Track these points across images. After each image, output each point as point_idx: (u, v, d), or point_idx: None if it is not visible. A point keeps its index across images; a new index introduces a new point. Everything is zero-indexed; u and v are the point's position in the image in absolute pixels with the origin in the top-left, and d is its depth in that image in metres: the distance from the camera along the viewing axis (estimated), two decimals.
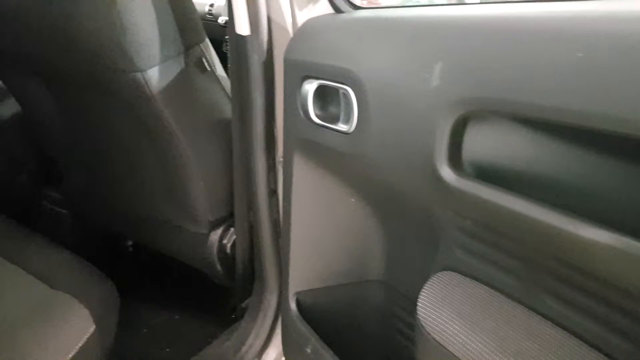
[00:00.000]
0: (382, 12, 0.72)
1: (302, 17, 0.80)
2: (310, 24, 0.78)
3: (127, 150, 1.12)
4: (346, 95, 0.68)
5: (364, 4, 0.80)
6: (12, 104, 1.36)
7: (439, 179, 0.56)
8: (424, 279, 0.66)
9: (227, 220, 1.17)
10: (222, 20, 1.86)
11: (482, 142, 0.55)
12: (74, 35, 0.87)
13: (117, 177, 1.23)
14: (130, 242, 1.60)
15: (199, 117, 1.01)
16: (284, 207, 0.94)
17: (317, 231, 0.91)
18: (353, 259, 0.90)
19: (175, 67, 0.92)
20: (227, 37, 1.89)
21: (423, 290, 0.61)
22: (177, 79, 0.93)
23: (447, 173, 0.55)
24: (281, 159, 0.96)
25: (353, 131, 0.68)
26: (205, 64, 0.99)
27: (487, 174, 0.55)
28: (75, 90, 1.07)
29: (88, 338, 0.89)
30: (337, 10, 0.77)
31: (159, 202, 1.18)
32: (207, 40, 1.01)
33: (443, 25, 0.58)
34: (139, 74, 0.87)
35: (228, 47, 0.99)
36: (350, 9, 0.76)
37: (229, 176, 1.09)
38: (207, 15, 1.93)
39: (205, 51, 0.99)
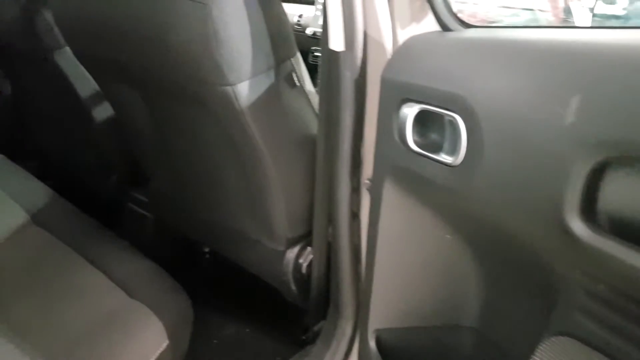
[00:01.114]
0: (499, 33, 0.64)
1: (404, 34, 0.74)
2: (412, 42, 0.72)
3: (211, 161, 1.12)
4: (453, 124, 0.61)
5: (472, 21, 0.73)
6: (107, 108, 1.41)
7: (567, 232, 0.47)
8: (528, 336, 0.57)
9: (304, 238, 1.13)
10: (310, 31, 1.84)
11: (624, 193, 0.46)
12: (167, 46, 0.87)
13: (200, 185, 1.23)
14: (207, 250, 1.60)
15: (284, 134, 0.98)
16: (368, 234, 0.88)
17: (405, 265, 0.84)
18: (442, 300, 0.82)
19: (266, 82, 0.89)
20: (313, 48, 1.90)
21: (535, 356, 0.53)
22: (266, 94, 0.90)
23: (578, 226, 0.47)
24: (366, 181, 0.91)
25: (459, 164, 0.61)
26: (295, 79, 0.95)
27: (628, 232, 0.46)
28: (166, 99, 1.08)
29: (161, 353, 0.88)
30: (445, 27, 0.71)
31: (238, 214, 1.16)
32: (299, 54, 0.97)
33: (583, 52, 0.49)
34: (229, 88, 0.85)
35: (318, 62, 0.95)
36: (460, 27, 0.69)
37: (310, 194, 1.05)
38: (295, 26, 1.92)
39: (296, 66, 0.95)
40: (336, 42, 0.81)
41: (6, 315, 0.93)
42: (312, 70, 1.81)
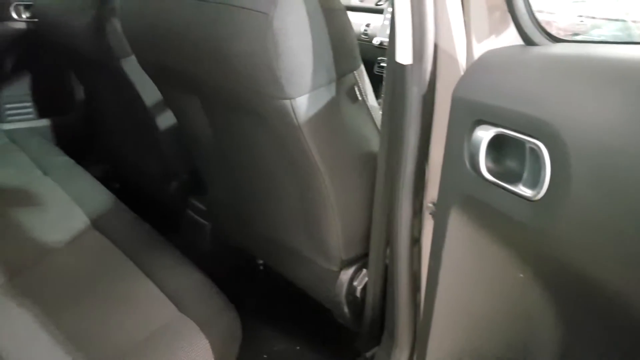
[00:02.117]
0: (595, 49, 0.56)
1: (480, 48, 0.67)
2: (490, 57, 0.65)
3: (268, 174, 1.09)
4: (535, 152, 0.53)
5: (561, 34, 0.64)
6: (170, 116, 1.42)
7: None
8: None
9: (360, 260, 1.08)
10: (376, 41, 1.78)
11: None
12: (227, 57, 0.84)
13: (255, 197, 1.21)
14: (261, 262, 1.58)
15: (343, 150, 0.93)
16: (430, 263, 0.81)
17: (469, 300, 0.76)
18: (509, 343, 0.74)
19: (326, 96, 0.84)
20: (379, 58, 1.84)
21: None
22: (326, 109, 0.85)
23: None
24: (430, 205, 0.84)
25: (541, 199, 0.53)
26: (357, 93, 0.90)
27: None
28: (224, 109, 1.06)
29: None
30: (528, 41, 0.63)
31: (292, 230, 1.12)
32: (362, 67, 0.92)
33: None
34: (287, 102, 0.81)
35: (384, 74, 0.89)
36: (547, 41, 0.61)
37: (368, 215, 0.99)
38: (362, 36, 1.87)
39: (358, 79, 0.90)
40: (403, 54, 0.75)
41: (61, 321, 0.94)
42: (378, 81, 1.75)
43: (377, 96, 1.76)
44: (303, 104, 0.82)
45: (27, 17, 1.84)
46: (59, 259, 1.11)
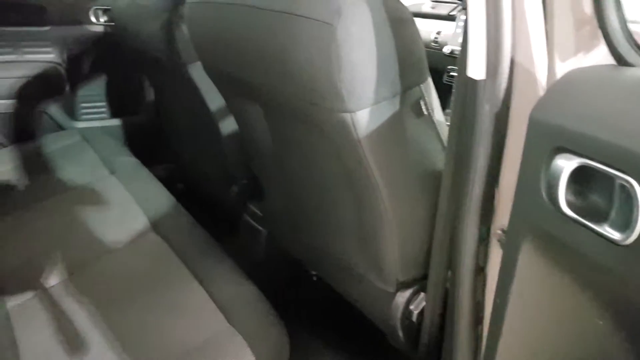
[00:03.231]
0: None
1: (564, 66, 0.60)
2: (575, 76, 0.58)
3: (325, 186, 1.06)
4: (626, 190, 0.46)
5: None
6: (233, 122, 1.43)
7: None
8: None
9: (418, 282, 1.02)
10: (447, 49, 1.70)
11: None
12: (288, 66, 0.82)
13: (311, 208, 1.18)
14: (314, 273, 1.55)
15: (405, 167, 0.88)
16: (496, 295, 0.75)
17: (538, 344, 0.69)
18: None
19: (389, 110, 0.80)
20: (449, 67, 1.76)
21: None
22: (388, 124, 0.80)
23: None
24: (498, 232, 0.77)
25: (631, 243, 0.46)
26: (423, 107, 0.85)
27: None
28: (285, 119, 1.04)
29: None
30: (621, 61, 0.55)
31: (347, 245, 1.08)
32: (430, 80, 0.87)
33: None
34: (347, 115, 0.78)
35: (454, 85, 0.83)
36: None
37: (428, 236, 0.94)
38: (432, 43, 1.80)
39: (425, 92, 0.85)
40: (476, 68, 0.69)
41: (113, 322, 0.95)
42: (447, 91, 1.68)
43: (446, 106, 1.69)
44: (364, 117, 0.78)
45: (105, 21, 1.93)
46: (117, 259, 1.13)
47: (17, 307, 1.00)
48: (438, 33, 1.80)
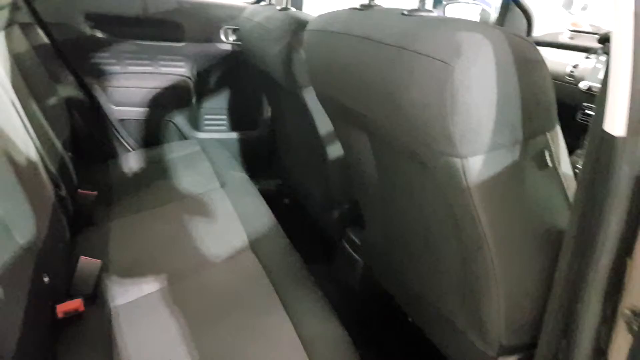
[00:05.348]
0: None
1: None
2: None
3: (427, 228, 0.99)
4: None
5: None
6: (340, 147, 1.42)
7: None
8: None
9: (524, 350, 0.91)
10: (584, 85, 1.54)
11: None
12: (399, 103, 0.77)
13: (410, 248, 1.12)
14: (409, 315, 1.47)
15: (520, 222, 0.78)
16: None
17: None
18: None
19: (506, 159, 0.71)
20: (585, 104, 1.59)
21: None
22: (505, 174, 0.72)
23: None
24: (626, 312, 0.65)
25: None
26: (547, 158, 0.75)
27: None
28: (393, 153, 1.00)
29: None
30: None
31: (448, 296, 1.00)
32: (558, 128, 0.77)
33: None
34: (457, 160, 0.71)
35: (590, 122, 0.72)
36: None
37: (540, 300, 0.83)
38: (567, 77, 1.63)
39: (551, 142, 0.75)
40: (615, 123, 0.59)
41: (199, 338, 0.97)
42: (580, 129, 1.51)
43: (578, 146, 1.52)
44: (476, 164, 0.71)
45: (233, 40, 2.03)
46: (213, 274, 1.16)
47: (119, 308, 1.06)
48: (575, 66, 1.63)
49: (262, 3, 1.99)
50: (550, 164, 0.76)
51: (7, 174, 1.00)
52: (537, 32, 1.97)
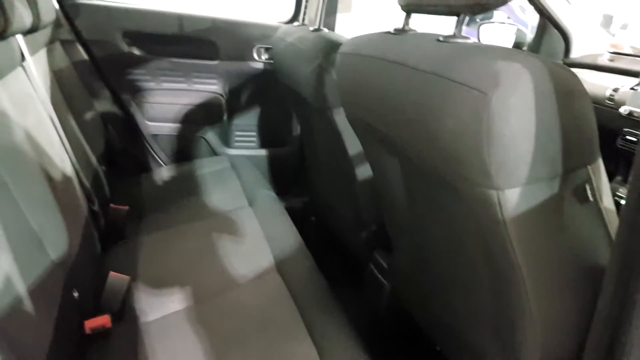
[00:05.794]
0: None
1: None
2: None
3: (458, 257, 0.96)
4: None
5: None
6: (368, 168, 1.40)
7: None
8: None
9: None
10: (624, 110, 1.48)
11: None
12: (435, 132, 0.75)
13: (439, 275, 1.09)
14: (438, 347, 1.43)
15: (557, 260, 0.75)
16: None
17: None
18: None
19: (544, 192, 0.69)
20: (625, 130, 1.53)
21: None
22: (543, 207, 0.69)
23: None
24: None
25: None
26: (588, 192, 0.72)
27: None
28: (424, 179, 0.98)
29: None
30: None
31: (477, 327, 0.97)
32: (600, 161, 0.73)
33: None
34: (493, 192, 0.68)
35: (635, 149, 0.69)
36: None
37: (578, 341, 0.79)
38: (606, 101, 1.58)
39: (593, 175, 0.72)
40: None
41: None
42: (621, 157, 1.45)
43: (618, 172, 1.46)
44: (513, 197, 0.68)
45: (265, 59, 2.05)
46: (239, 294, 1.15)
47: (146, 325, 1.07)
48: (615, 90, 1.58)
49: (295, 23, 2.01)
50: (591, 198, 0.72)
51: (42, 189, 1.02)
52: (576, 54, 1.92)
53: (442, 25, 0.90)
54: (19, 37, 1.17)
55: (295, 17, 2.10)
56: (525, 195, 0.68)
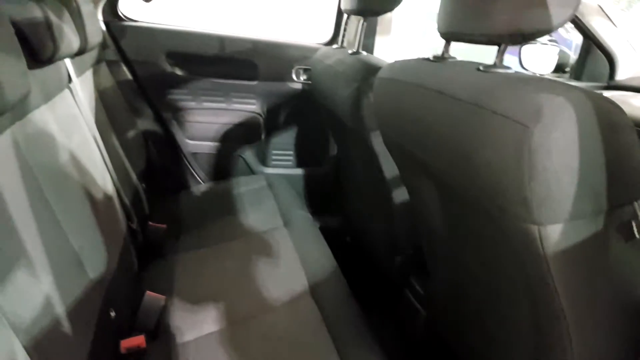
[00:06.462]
0: None
1: None
2: None
3: (497, 288, 0.93)
4: None
5: None
6: (405, 192, 1.39)
7: None
8: None
9: None
10: None
11: None
12: (473, 162, 0.74)
13: (477, 305, 1.06)
14: None
15: (601, 297, 0.72)
16: None
17: None
18: None
19: (588, 229, 0.66)
20: None
21: None
22: (586, 244, 0.67)
23: None
24: None
25: None
26: (635, 229, 0.69)
27: None
28: (463, 208, 0.96)
29: None
30: None
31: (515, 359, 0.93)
32: None
33: None
34: (534, 227, 0.67)
35: None
36: None
37: None
38: None
39: (638, 211, 0.69)
40: None
41: None
42: None
43: None
44: (555, 233, 0.66)
45: (304, 80, 2.07)
46: (271, 319, 1.15)
47: (180, 346, 1.08)
48: None
49: (334, 45, 2.03)
50: (637, 235, 0.69)
51: (84, 208, 1.06)
52: (621, 76, 1.86)
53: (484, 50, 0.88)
54: (67, 60, 1.22)
55: (334, 39, 2.12)
56: (568, 232, 0.66)
